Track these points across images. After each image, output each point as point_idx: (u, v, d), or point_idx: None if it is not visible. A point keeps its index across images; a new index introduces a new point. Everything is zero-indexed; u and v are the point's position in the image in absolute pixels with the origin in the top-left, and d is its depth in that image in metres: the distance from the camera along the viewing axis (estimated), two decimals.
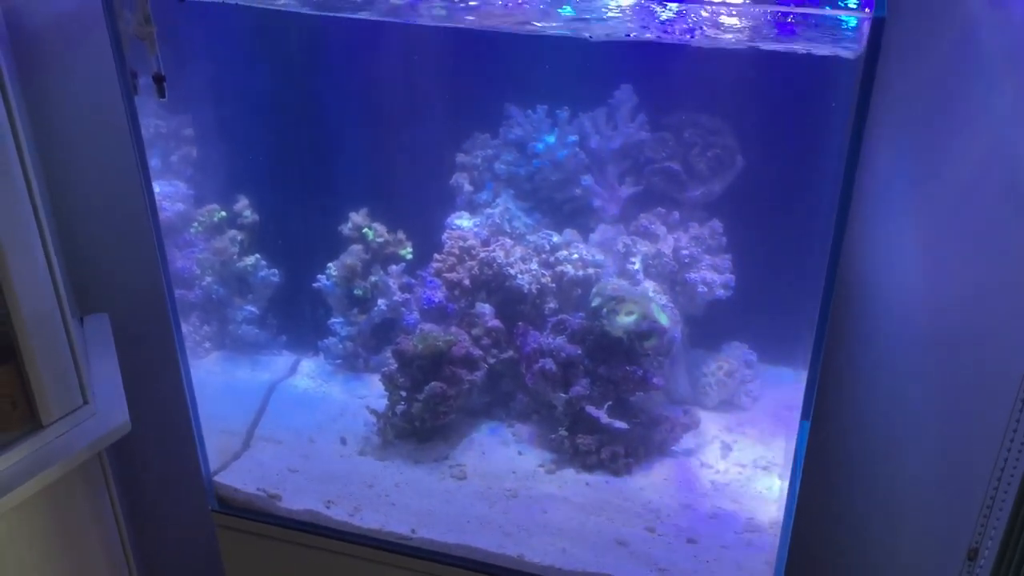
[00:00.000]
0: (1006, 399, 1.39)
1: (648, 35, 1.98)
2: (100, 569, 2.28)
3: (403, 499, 2.18)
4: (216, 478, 2.23)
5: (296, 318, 2.77)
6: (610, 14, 1.89)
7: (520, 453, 2.35)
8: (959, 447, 1.67)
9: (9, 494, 1.89)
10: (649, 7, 1.83)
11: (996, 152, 1.55)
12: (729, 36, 1.90)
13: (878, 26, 1.36)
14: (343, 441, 2.40)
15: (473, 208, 2.61)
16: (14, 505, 1.92)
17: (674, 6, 1.78)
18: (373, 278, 2.62)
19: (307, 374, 2.72)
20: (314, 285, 2.66)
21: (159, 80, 1.78)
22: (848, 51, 1.59)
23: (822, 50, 1.76)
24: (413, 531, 2.08)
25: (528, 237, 2.52)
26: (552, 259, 2.46)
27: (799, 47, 1.82)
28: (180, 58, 1.95)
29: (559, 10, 1.91)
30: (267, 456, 2.35)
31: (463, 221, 2.58)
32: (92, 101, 2.44)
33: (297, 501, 2.18)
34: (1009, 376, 1.41)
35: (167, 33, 1.77)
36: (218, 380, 2.66)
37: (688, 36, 1.94)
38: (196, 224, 2.63)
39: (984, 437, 1.47)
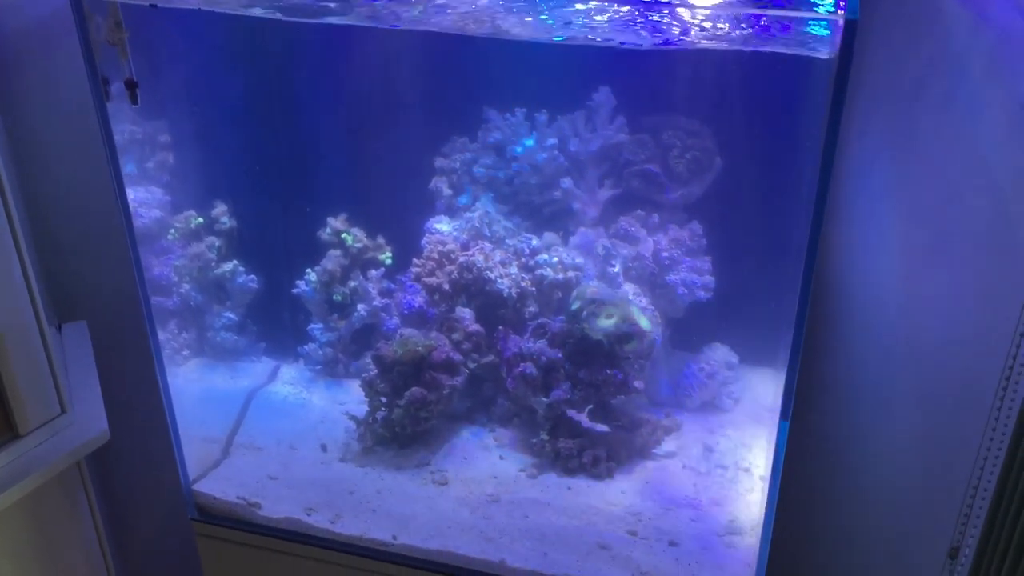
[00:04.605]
0: (985, 399, 1.39)
1: (630, 39, 1.98)
2: None
3: (384, 505, 2.17)
4: (195, 486, 2.22)
5: (275, 324, 2.76)
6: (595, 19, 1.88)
7: (502, 458, 2.34)
8: (939, 447, 1.67)
9: None
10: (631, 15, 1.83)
11: (974, 154, 1.55)
12: (706, 37, 1.90)
13: (850, 28, 1.37)
14: (323, 448, 2.39)
15: (452, 212, 2.61)
16: None
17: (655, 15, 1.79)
18: (352, 283, 2.61)
19: (287, 381, 2.71)
20: (293, 291, 2.65)
21: (131, 86, 1.76)
22: (823, 52, 1.60)
23: (798, 51, 1.76)
24: (394, 537, 2.07)
25: (508, 241, 2.51)
26: (532, 263, 2.46)
27: (775, 48, 1.82)
28: (154, 63, 1.94)
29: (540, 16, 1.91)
30: (247, 464, 2.33)
31: (442, 225, 2.57)
32: (67, 107, 2.42)
33: (277, 509, 2.16)
34: (987, 376, 1.41)
35: (140, 38, 1.76)
36: (197, 387, 2.64)
37: (669, 41, 1.94)
38: (173, 231, 2.61)
39: (963, 437, 1.48)
